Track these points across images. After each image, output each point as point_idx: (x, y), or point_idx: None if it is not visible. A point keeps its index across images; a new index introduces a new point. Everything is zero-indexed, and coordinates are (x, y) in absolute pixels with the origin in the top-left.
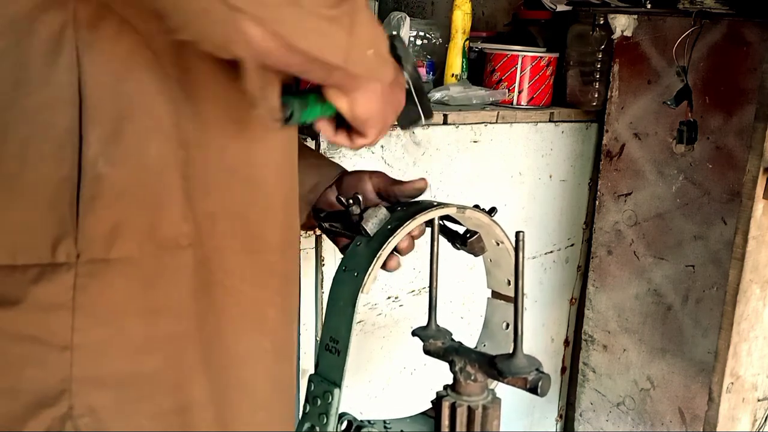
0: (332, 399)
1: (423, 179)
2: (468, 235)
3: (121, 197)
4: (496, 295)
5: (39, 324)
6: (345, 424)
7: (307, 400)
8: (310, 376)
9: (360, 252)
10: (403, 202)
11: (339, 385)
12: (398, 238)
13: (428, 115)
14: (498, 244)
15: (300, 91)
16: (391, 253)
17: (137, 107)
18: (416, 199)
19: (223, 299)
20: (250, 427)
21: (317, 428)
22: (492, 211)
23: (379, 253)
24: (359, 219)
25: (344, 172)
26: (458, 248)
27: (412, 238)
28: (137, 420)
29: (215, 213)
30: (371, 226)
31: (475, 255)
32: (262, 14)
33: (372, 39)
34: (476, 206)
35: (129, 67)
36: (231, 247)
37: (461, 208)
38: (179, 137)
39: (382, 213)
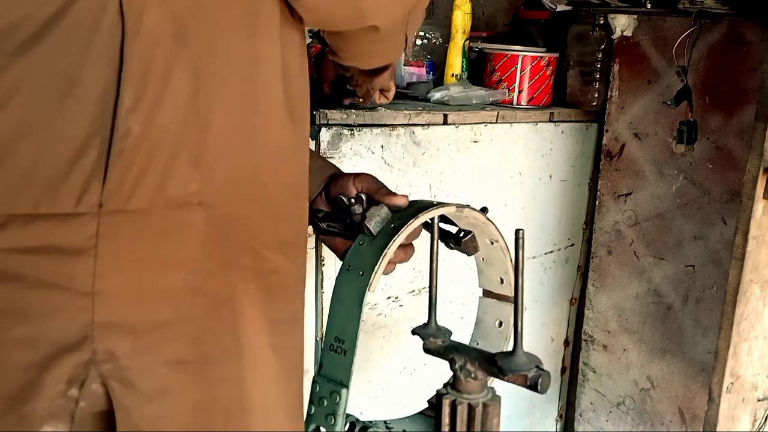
0: (340, 399)
1: (404, 197)
2: (462, 235)
3: (140, 153)
4: (488, 294)
5: (61, 271)
6: (348, 425)
7: (311, 402)
8: (315, 377)
9: (364, 251)
10: None
11: (346, 386)
12: (403, 236)
13: None
14: (492, 243)
15: None
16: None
17: (158, 71)
18: (414, 199)
19: (238, 261)
20: (261, 388)
21: (323, 429)
22: (483, 210)
23: (385, 251)
24: (362, 218)
25: (331, 177)
26: (452, 248)
27: (403, 248)
28: (156, 367)
29: (233, 177)
30: (374, 224)
31: (468, 254)
32: None
33: None
34: (468, 206)
35: (159, 34)
36: (249, 212)
37: (460, 207)
38: (193, 105)
39: (384, 212)
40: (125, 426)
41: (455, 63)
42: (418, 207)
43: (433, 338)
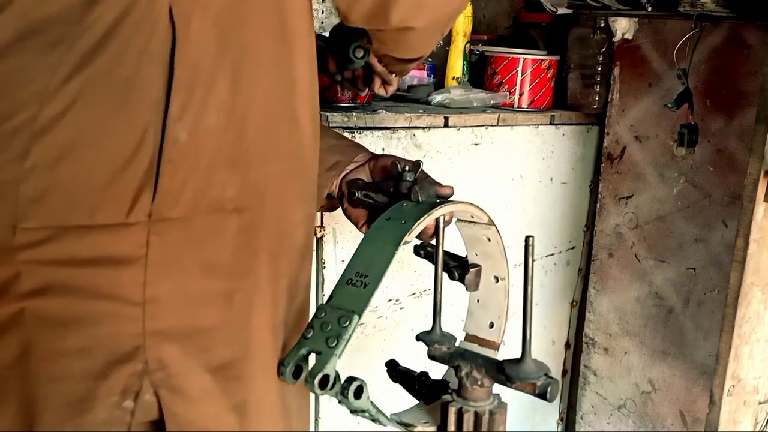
0: (349, 323)
1: (450, 187)
2: (470, 266)
3: (185, 161)
4: (471, 338)
5: (114, 281)
6: (321, 378)
7: (310, 326)
8: (320, 305)
9: (408, 208)
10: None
11: (359, 314)
12: (449, 208)
13: None
14: (497, 281)
15: None
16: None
17: (204, 77)
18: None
19: (259, 266)
20: (272, 390)
21: (318, 353)
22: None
23: (431, 211)
24: (412, 184)
25: (375, 155)
26: (453, 278)
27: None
28: (200, 373)
29: (262, 183)
30: (422, 196)
31: (467, 289)
32: None
33: None
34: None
35: (205, 40)
36: (271, 217)
37: (491, 223)
38: (233, 109)
39: (433, 190)
40: (175, 428)
41: (456, 66)
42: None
43: (438, 344)
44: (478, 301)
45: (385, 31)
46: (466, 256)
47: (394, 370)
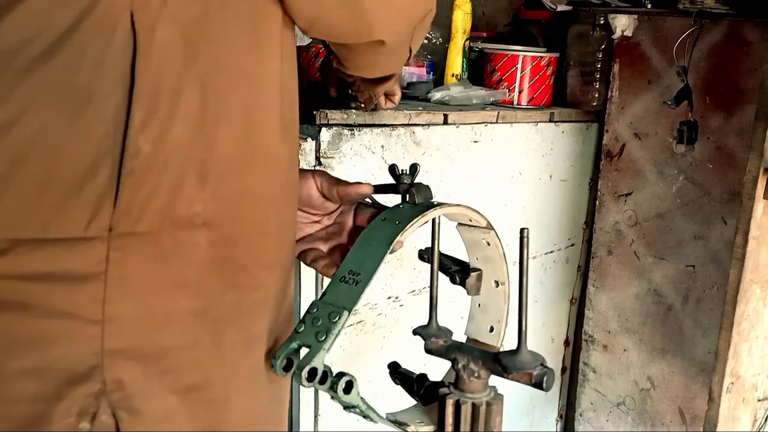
0: (339, 318)
1: (368, 184)
2: (471, 270)
3: (150, 173)
4: (471, 342)
5: (71, 298)
6: (311, 371)
7: (302, 321)
8: (313, 302)
9: (404, 209)
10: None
11: (349, 310)
12: (444, 210)
13: None
14: (497, 285)
15: None
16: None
17: (169, 89)
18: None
19: (234, 281)
20: (245, 409)
21: (308, 346)
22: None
23: (426, 213)
24: (409, 187)
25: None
26: (454, 282)
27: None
28: (163, 394)
29: (233, 196)
30: (419, 198)
31: (468, 293)
32: None
33: None
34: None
35: (169, 51)
36: (245, 230)
37: (489, 227)
38: (202, 122)
39: (430, 192)
40: None
41: (455, 63)
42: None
43: (434, 338)
44: (479, 305)
45: (351, 48)
46: (468, 264)
47: (396, 371)
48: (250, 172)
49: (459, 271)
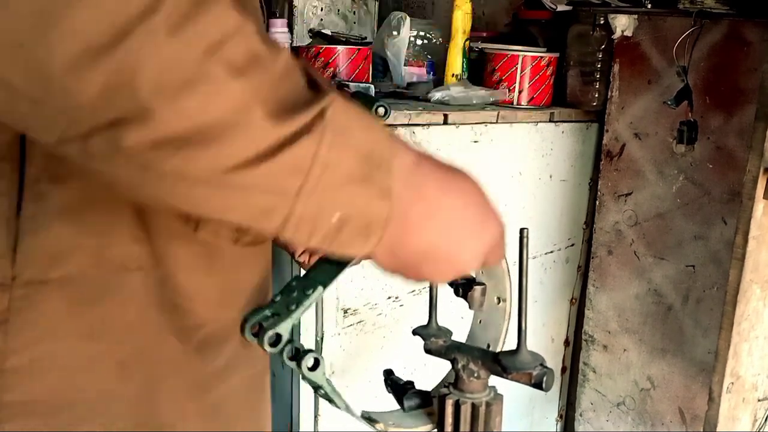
0: (312, 292)
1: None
2: (475, 284)
3: (65, 217)
4: None
5: None
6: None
7: (280, 293)
8: (295, 276)
9: None
10: None
11: (324, 286)
12: None
13: None
14: (498, 302)
15: None
16: None
17: None
18: None
19: (173, 323)
20: None
21: (277, 315)
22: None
23: None
24: None
25: None
26: (457, 293)
27: None
28: None
29: (172, 235)
30: None
31: (469, 307)
32: None
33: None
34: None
35: None
36: (184, 269)
37: None
38: None
39: None
40: None
41: (455, 63)
42: None
43: (434, 338)
44: (480, 321)
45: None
46: (472, 279)
47: (389, 378)
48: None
49: (463, 284)
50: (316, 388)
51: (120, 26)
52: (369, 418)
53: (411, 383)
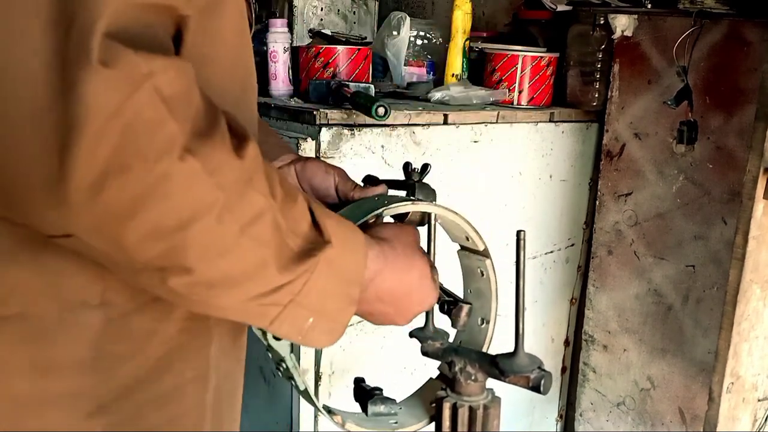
0: None
1: (383, 186)
2: (461, 302)
3: (15, 257)
4: (442, 378)
5: None
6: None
7: None
8: None
9: (396, 197)
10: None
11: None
12: (433, 208)
13: None
14: (482, 323)
15: None
16: None
17: None
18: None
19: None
20: None
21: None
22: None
23: (404, 202)
24: (414, 182)
25: (302, 157)
26: (441, 310)
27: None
28: None
29: None
30: (421, 196)
31: (453, 325)
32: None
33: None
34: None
35: None
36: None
37: (486, 254)
38: None
39: (433, 195)
40: None
41: (455, 63)
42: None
43: (431, 341)
44: (460, 343)
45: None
46: (459, 298)
47: (357, 386)
48: None
49: (449, 302)
50: (278, 362)
51: (185, 219)
52: (329, 411)
53: (379, 389)
